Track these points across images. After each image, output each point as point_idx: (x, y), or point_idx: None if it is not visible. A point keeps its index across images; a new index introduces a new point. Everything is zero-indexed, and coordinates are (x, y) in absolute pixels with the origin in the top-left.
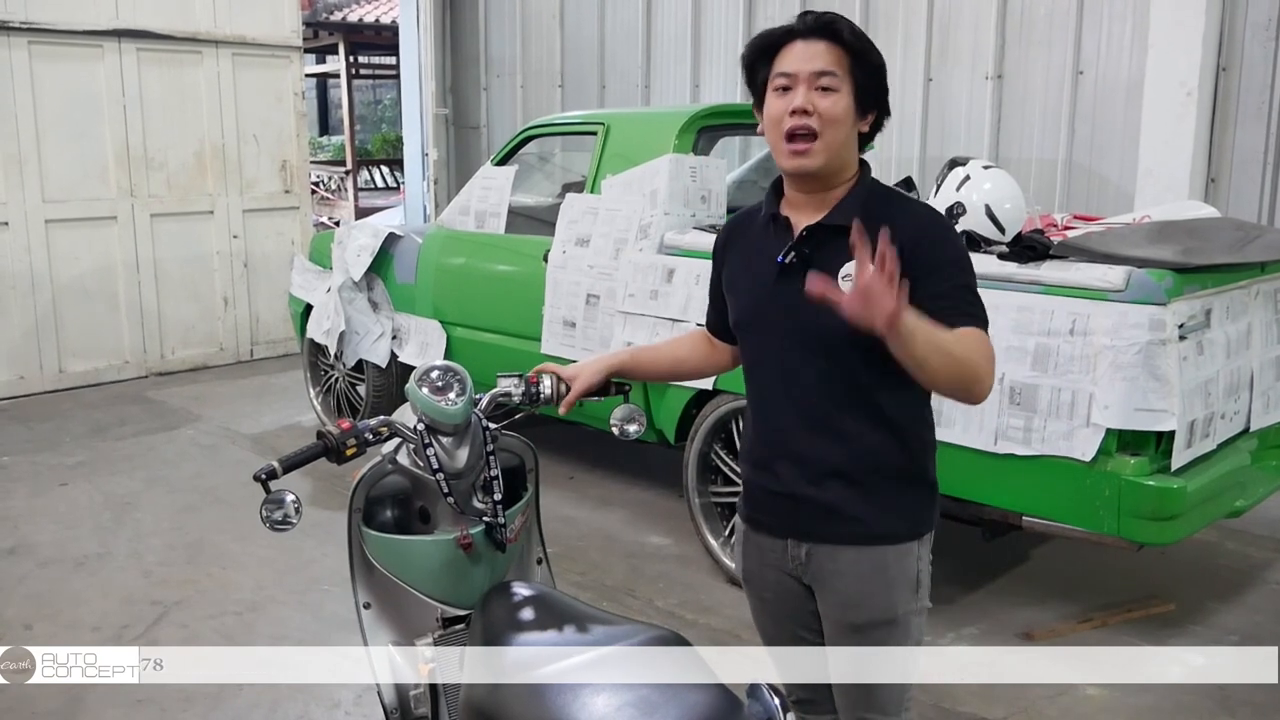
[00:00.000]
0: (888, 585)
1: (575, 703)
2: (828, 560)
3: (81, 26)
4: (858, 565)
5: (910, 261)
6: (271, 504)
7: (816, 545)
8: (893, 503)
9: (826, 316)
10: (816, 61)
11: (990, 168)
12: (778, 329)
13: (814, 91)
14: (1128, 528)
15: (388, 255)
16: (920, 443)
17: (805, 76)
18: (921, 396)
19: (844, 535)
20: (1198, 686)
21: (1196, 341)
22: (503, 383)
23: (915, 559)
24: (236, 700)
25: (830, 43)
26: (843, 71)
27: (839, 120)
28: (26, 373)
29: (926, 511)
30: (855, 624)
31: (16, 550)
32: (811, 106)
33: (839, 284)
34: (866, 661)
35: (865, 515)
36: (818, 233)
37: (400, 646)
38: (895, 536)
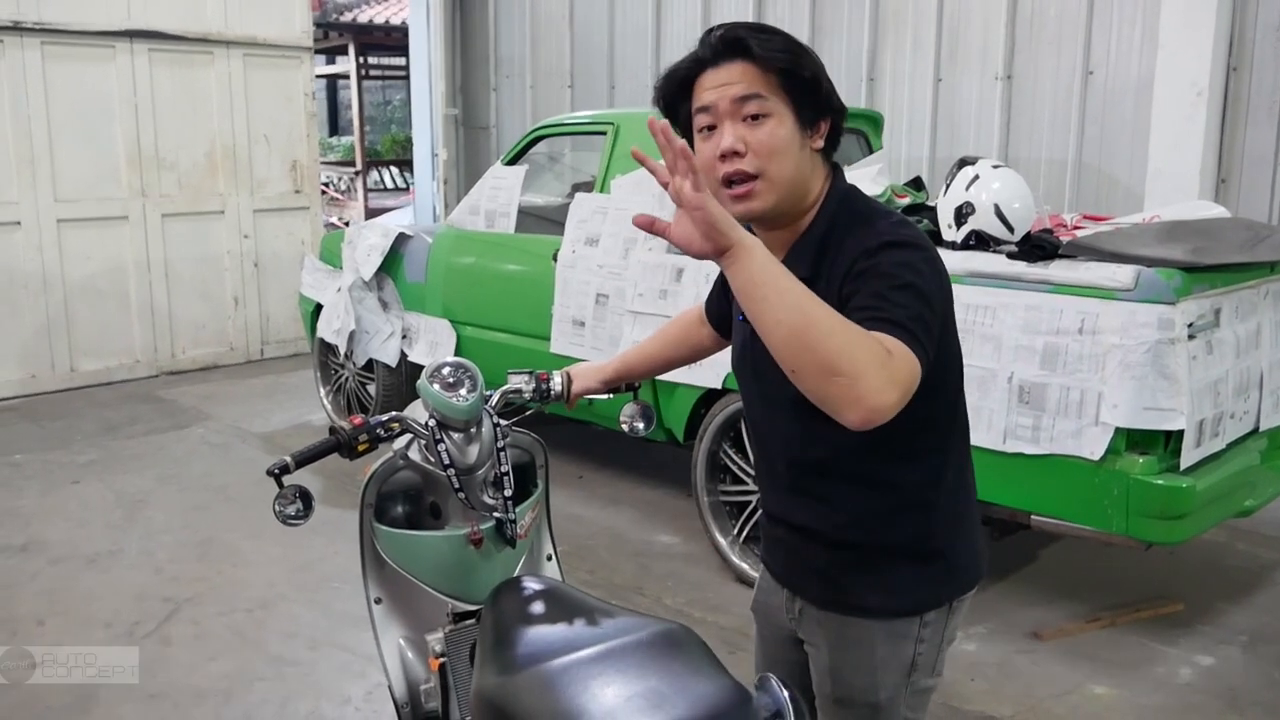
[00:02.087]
0: (873, 665)
1: (585, 694)
2: (813, 623)
3: (93, 27)
4: (842, 637)
5: (845, 287)
6: (284, 499)
7: (807, 605)
8: (887, 576)
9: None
10: (735, 87)
11: (999, 167)
12: (749, 383)
13: (741, 124)
14: (1136, 527)
15: (398, 255)
16: (928, 512)
17: (726, 108)
18: (927, 455)
19: (829, 602)
20: (1206, 687)
21: (1205, 341)
22: (513, 379)
23: (914, 640)
24: (248, 696)
25: (746, 62)
26: (770, 90)
27: (779, 150)
28: (38, 371)
29: (933, 588)
30: (836, 696)
31: (28, 547)
32: (743, 144)
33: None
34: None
35: (851, 585)
36: None
37: (411, 641)
38: (883, 612)
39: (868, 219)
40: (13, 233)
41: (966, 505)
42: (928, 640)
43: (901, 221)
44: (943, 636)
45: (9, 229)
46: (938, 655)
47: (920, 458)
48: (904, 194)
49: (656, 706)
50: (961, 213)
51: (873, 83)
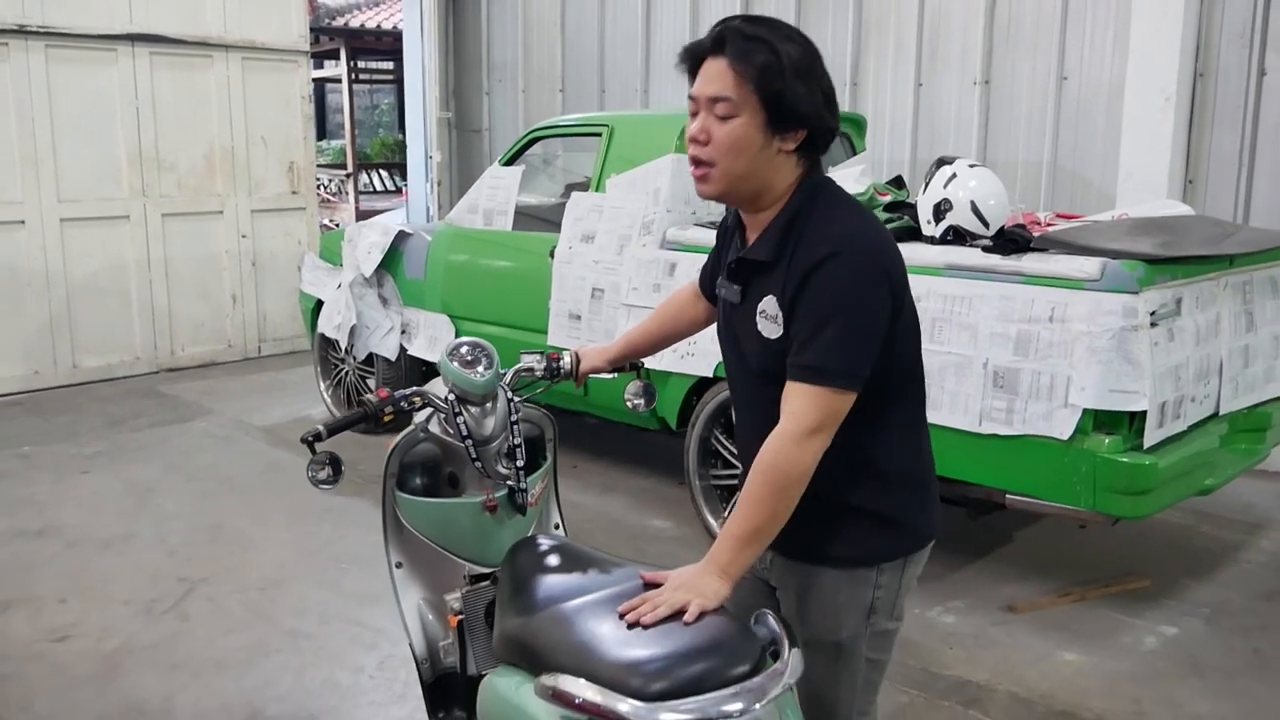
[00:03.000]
0: (835, 608)
1: (600, 627)
2: (783, 571)
3: (96, 31)
4: (808, 583)
5: (793, 297)
6: (316, 465)
7: (776, 555)
8: (844, 530)
9: (754, 350)
10: (713, 85)
11: (975, 166)
12: (726, 354)
13: (711, 117)
14: (1103, 502)
15: (398, 252)
16: (877, 471)
17: (704, 101)
18: (881, 424)
19: (796, 552)
20: (1170, 654)
21: (1167, 328)
22: (526, 359)
23: (871, 586)
24: (266, 666)
25: (726, 62)
26: (741, 94)
27: (733, 149)
28: (41, 368)
29: (888, 542)
30: (803, 638)
31: (45, 532)
32: (705, 135)
33: (757, 319)
34: (818, 673)
35: (814, 536)
36: (744, 266)
37: (429, 602)
38: (845, 562)
39: (827, 215)
40: (16, 231)
41: (921, 469)
42: (885, 586)
43: (851, 222)
44: (899, 584)
45: (13, 228)
46: (895, 600)
47: (877, 427)
48: (885, 192)
49: (665, 636)
50: (940, 209)
51: (856, 87)
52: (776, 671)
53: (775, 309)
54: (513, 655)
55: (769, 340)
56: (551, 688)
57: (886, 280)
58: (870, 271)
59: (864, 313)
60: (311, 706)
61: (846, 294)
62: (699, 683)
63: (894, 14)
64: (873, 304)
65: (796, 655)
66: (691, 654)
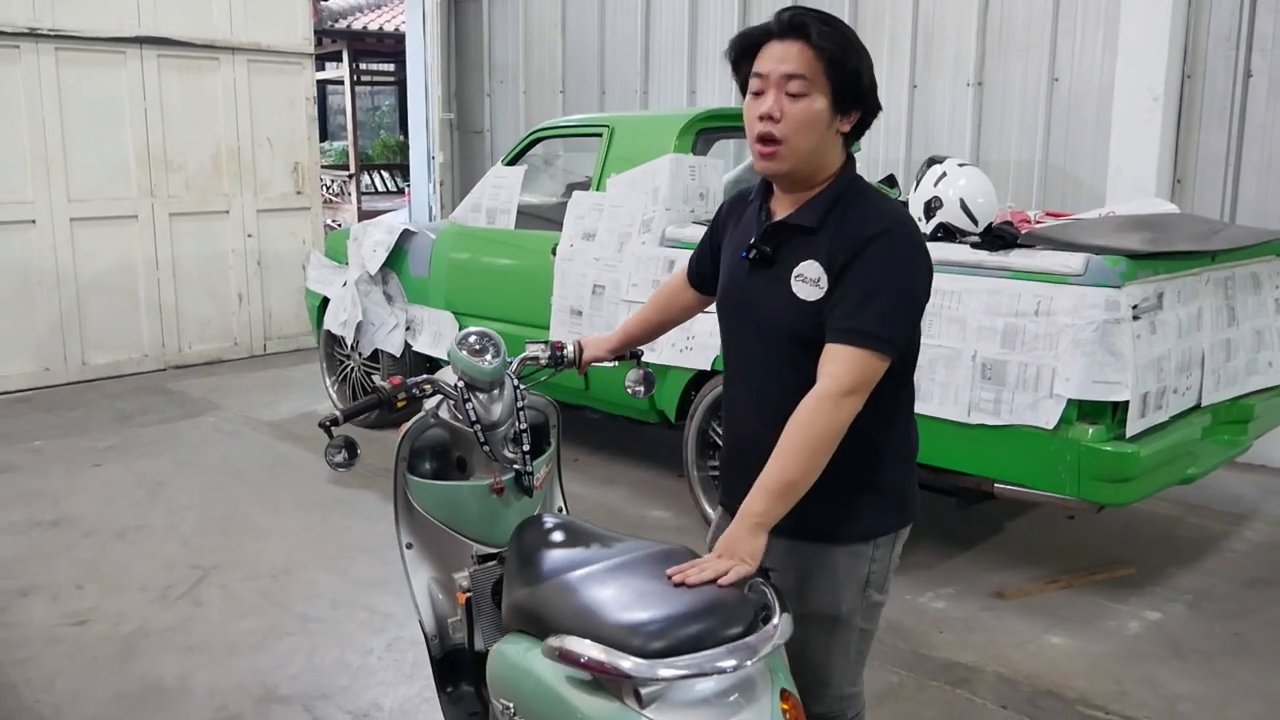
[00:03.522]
0: (835, 584)
1: (602, 594)
2: (779, 552)
3: (105, 34)
4: (806, 561)
5: (844, 265)
6: (333, 448)
7: (774, 538)
8: (844, 505)
9: (781, 312)
10: (786, 64)
11: (965, 165)
12: (743, 319)
13: (783, 95)
14: (1087, 490)
15: (402, 250)
16: (876, 449)
17: (775, 79)
18: (887, 406)
19: (794, 532)
20: (1153, 637)
21: (1150, 321)
22: (531, 348)
23: (868, 560)
24: (278, 648)
25: (804, 43)
26: (814, 74)
27: (806, 125)
28: (52, 364)
29: (881, 518)
30: (801, 613)
31: (60, 522)
32: (779, 112)
33: (792, 282)
34: (814, 647)
35: (814, 515)
36: (781, 230)
37: (439, 581)
38: (844, 538)
39: (870, 198)
40: (28, 231)
41: (910, 448)
42: (879, 560)
43: (897, 208)
44: (890, 559)
45: (24, 227)
46: (886, 575)
47: (883, 405)
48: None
49: (664, 600)
50: (930, 207)
51: None
52: (767, 633)
53: (818, 272)
54: (521, 623)
55: (806, 302)
56: (558, 648)
57: (929, 265)
58: (922, 253)
59: (913, 289)
60: (323, 686)
61: (902, 269)
62: (696, 642)
63: (889, 17)
64: (921, 282)
65: (787, 619)
66: (689, 616)
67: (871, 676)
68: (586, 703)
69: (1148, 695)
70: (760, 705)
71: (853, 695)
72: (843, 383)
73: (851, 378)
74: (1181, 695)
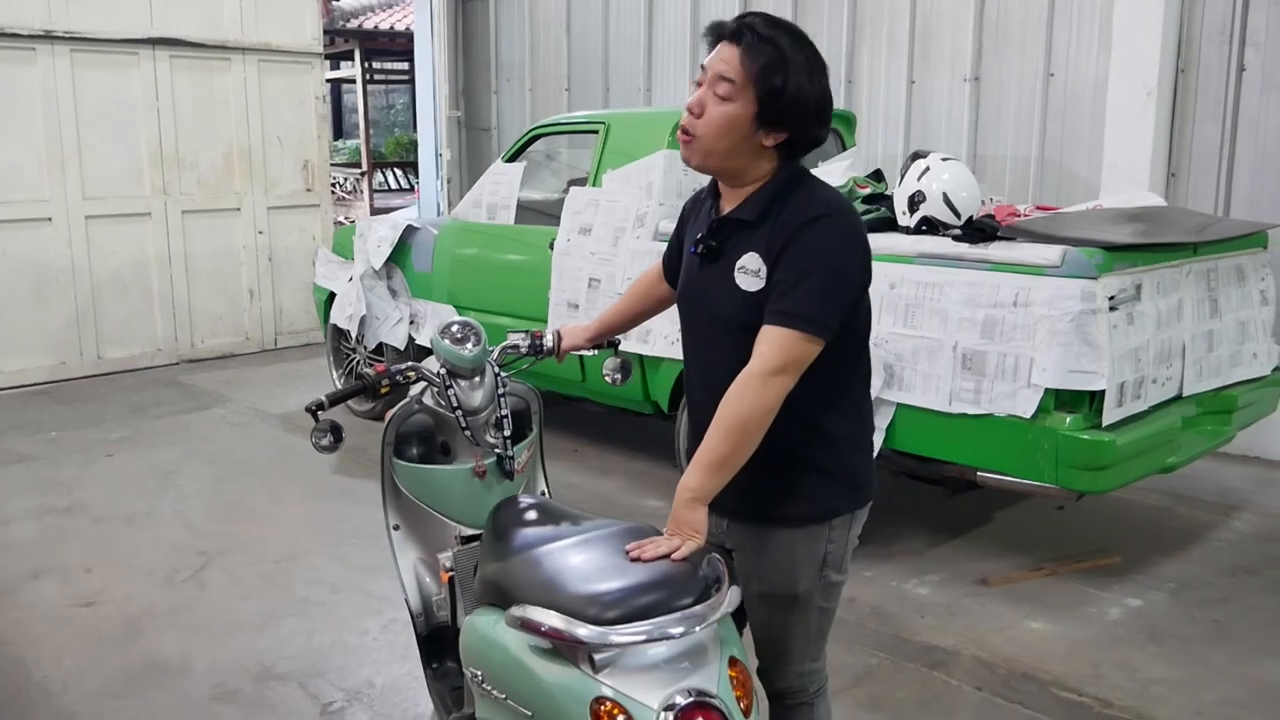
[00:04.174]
0: (792, 563)
1: (564, 566)
2: (739, 534)
3: (119, 35)
4: (764, 542)
5: (779, 251)
6: (319, 431)
7: (734, 521)
8: (798, 488)
9: (728, 305)
10: (722, 65)
11: (949, 159)
12: (696, 310)
13: (711, 94)
14: (1065, 477)
15: (406, 246)
16: (827, 432)
17: (710, 77)
18: (833, 388)
19: (752, 514)
20: (1131, 623)
21: (1127, 312)
22: (512, 337)
23: (824, 541)
24: (278, 629)
25: (738, 49)
26: (742, 82)
27: (721, 129)
28: (67, 359)
29: (836, 498)
30: (760, 593)
31: (72, 509)
32: (699, 108)
33: (735, 274)
34: (774, 625)
35: (771, 497)
36: (726, 224)
37: (424, 562)
38: (800, 519)
39: (809, 188)
40: (44, 228)
41: (864, 431)
42: (836, 541)
43: (835, 195)
44: (847, 539)
45: (40, 225)
46: (844, 555)
47: (830, 389)
48: (865, 185)
49: (621, 573)
50: (914, 201)
51: (851, 84)
52: (715, 602)
53: (758, 263)
54: (491, 596)
55: (748, 293)
56: (520, 617)
57: (865, 249)
58: (854, 236)
59: (844, 270)
60: (320, 664)
61: (831, 251)
62: (647, 611)
63: (887, 12)
64: (853, 264)
65: (734, 591)
66: (642, 588)
67: (850, 659)
68: (546, 669)
69: (1122, 679)
70: (709, 670)
71: (814, 671)
72: (770, 362)
73: (780, 358)
74: (1156, 679)
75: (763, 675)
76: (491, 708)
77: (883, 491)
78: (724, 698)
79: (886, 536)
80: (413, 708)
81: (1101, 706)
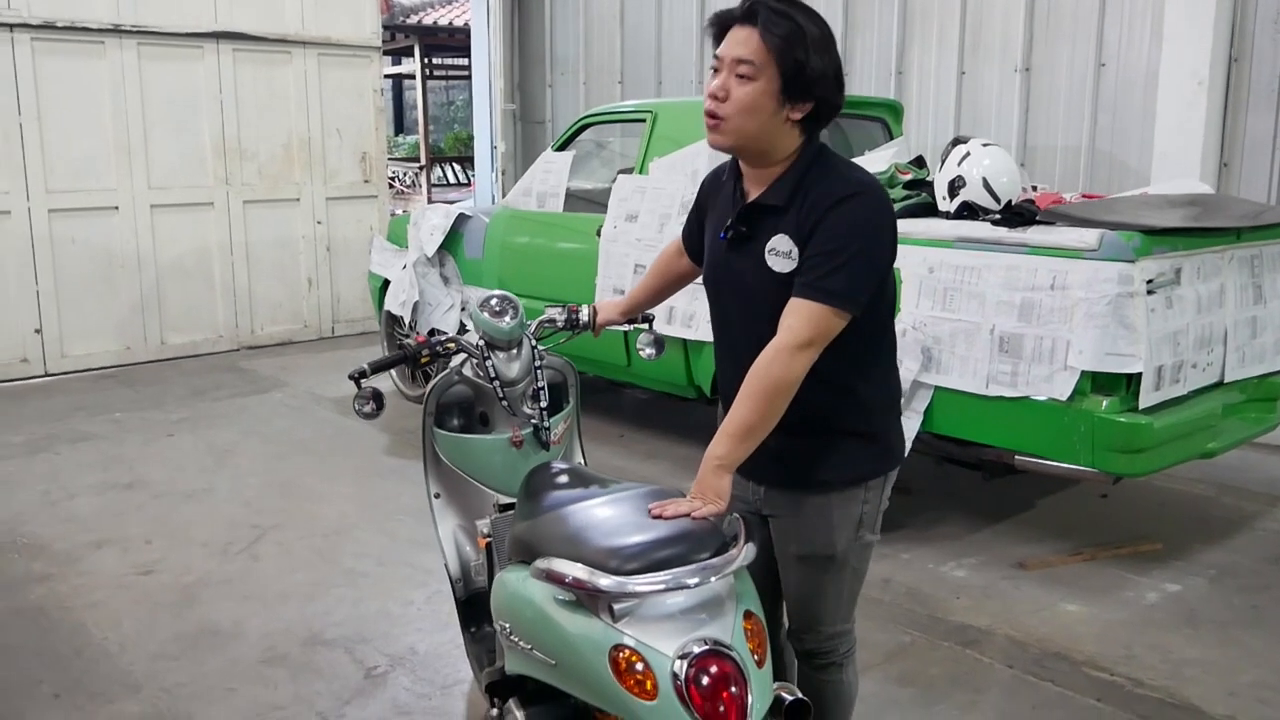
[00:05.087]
0: (830, 525)
1: (589, 522)
2: (778, 500)
3: (184, 29)
4: (803, 506)
5: (810, 230)
6: (361, 398)
7: (770, 488)
8: (834, 453)
9: (759, 285)
10: (739, 49)
11: (989, 145)
12: (725, 292)
13: (732, 77)
14: (1101, 460)
15: (458, 233)
16: (860, 399)
17: (728, 62)
18: (863, 358)
19: (790, 481)
20: (1168, 607)
21: (1166, 296)
22: (549, 311)
23: (860, 503)
24: (326, 599)
25: (754, 30)
26: (763, 60)
27: (747, 108)
28: (132, 344)
29: (870, 462)
30: (799, 554)
31: (134, 485)
32: (724, 92)
33: (766, 256)
34: (809, 585)
35: (808, 463)
36: (753, 210)
37: (463, 529)
38: (838, 484)
39: (836, 168)
40: (111, 217)
41: (893, 397)
42: (870, 502)
43: (863, 175)
44: (880, 500)
45: (109, 213)
46: (877, 516)
47: (861, 358)
48: (906, 170)
49: (642, 529)
50: (954, 186)
51: (901, 75)
52: (730, 556)
53: (789, 245)
54: (521, 554)
55: (780, 275)
56: (545, 569)
57: (894, 227)
58: (885, 214)
59: (874, 247)
60: (365, 631)
61: (862, 228)
62: (666, 563)
63: (938, 4)
64: (883, 241)
65: (750, 548)
66: (662, 542)
67: (883, 636)
68: (568, 619)
69: (1155, 659)
70: (724, 622)
71: (844, 633)
72: (799, 335)
73: (808, 331)
74: (1189, 660)
75: (794, 636)
76: (519, 659)
77: (922, 477)
78: (738, 648)
79: (926, 521)
80: (453, 673)
81: (1133, 685)
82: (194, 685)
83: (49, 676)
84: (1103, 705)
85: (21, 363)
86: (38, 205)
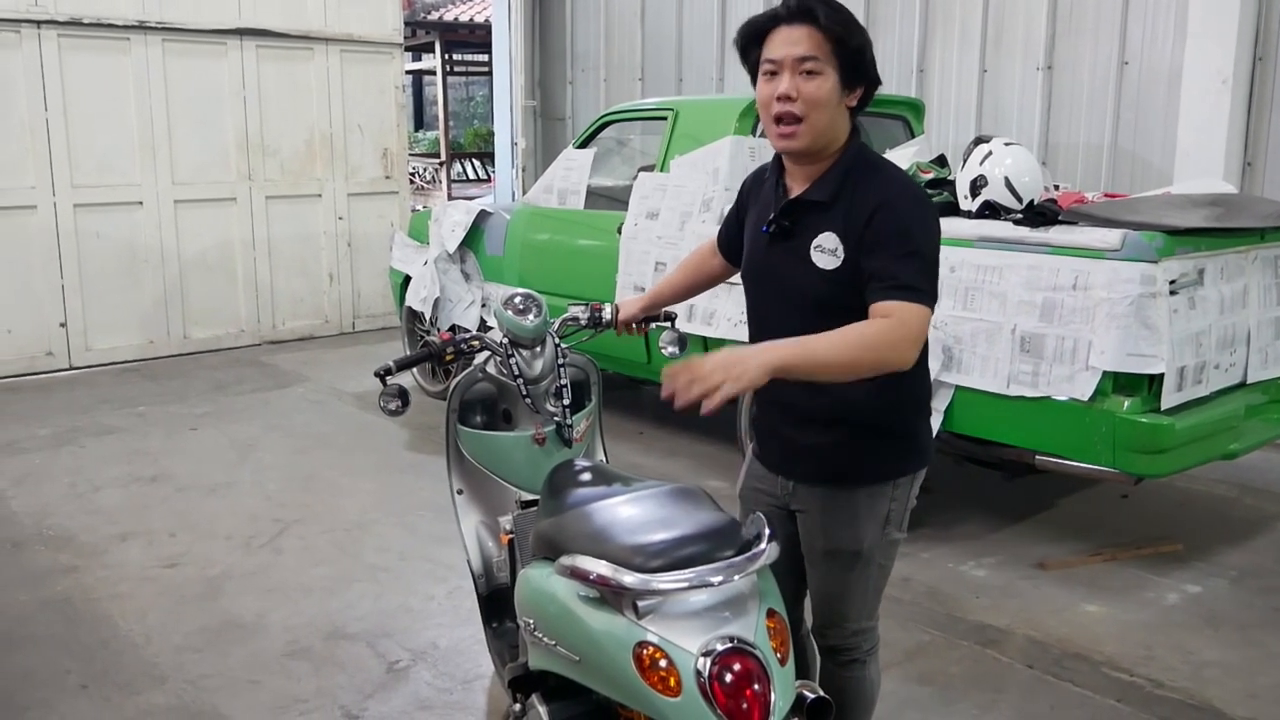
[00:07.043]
0: (856, 521)
1: (613, 520)
2: (807, 495)
3: (208, 26)
4: (832, 502)
5: (866, 233)
6: (387, 395)
7: (799, 483)
8: (866, 449)
9: (803, 281)
10: (798, 47)
11: (1011, 144)
12: (766, 288)
13: (798, 76)
14: (1123, 460)
15: (479, 230)
16: (892, 397)
17: (789, 62)
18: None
19: (820, 476)
20: (1189, 608)
21: (1188, 297)
22: (572, 309)
23: (888, 499)
24: (348, 593)
25: (811, 27)
26: (824, 54)
27: (822, 103)
28: (155, 338)
29: (900, 459)
30: (826, 550)
31: (158, 478)
32: (795, 92)
33: (811, 253)
34: (835, 581)
35: (839, 459)
36: (798, 205)
37: (486, 525)
38: (867, 479)
39: (878, 168)
40: (135, 212)
41: (924, 398)
42: (898, 500)
43: (902, 174)
44: (908, 498)
45: (132, 208)
46: (904, 514)
47: None
48: (928, 170)
49: (665, 526)
50: (976, 185)
51: (923, 74)
52: (754, 554)
53: (834, 243)
54: (544, 550)
55: (825, 270)
56: (570, 566)
57: (939, 222)
58: (932, 211)
59: (933, 246)
60: (386, 626)
61: (923, 228)
62: (689, 560)
63: (959, 2)
64: (934, 238)
65: (773, 546)
66: (686, 540)
67: (903, 635)
68: (592, 616)
69: (1176, 660)
70: (747, 620)
71: (868, 629)
72: (914, 330)
73: (919, 328)
74: (1210, 662)
75: (819, 632)
76: (542, 655)
77: (943, 477)
78: (761, 646)
79: (946, 520)
80: (474, 668)
81: (1153, 686)
82: (219, 677)
83: (76, 667)
84: (1123, 706)
85: (47, 356)
86: (63, 200)
